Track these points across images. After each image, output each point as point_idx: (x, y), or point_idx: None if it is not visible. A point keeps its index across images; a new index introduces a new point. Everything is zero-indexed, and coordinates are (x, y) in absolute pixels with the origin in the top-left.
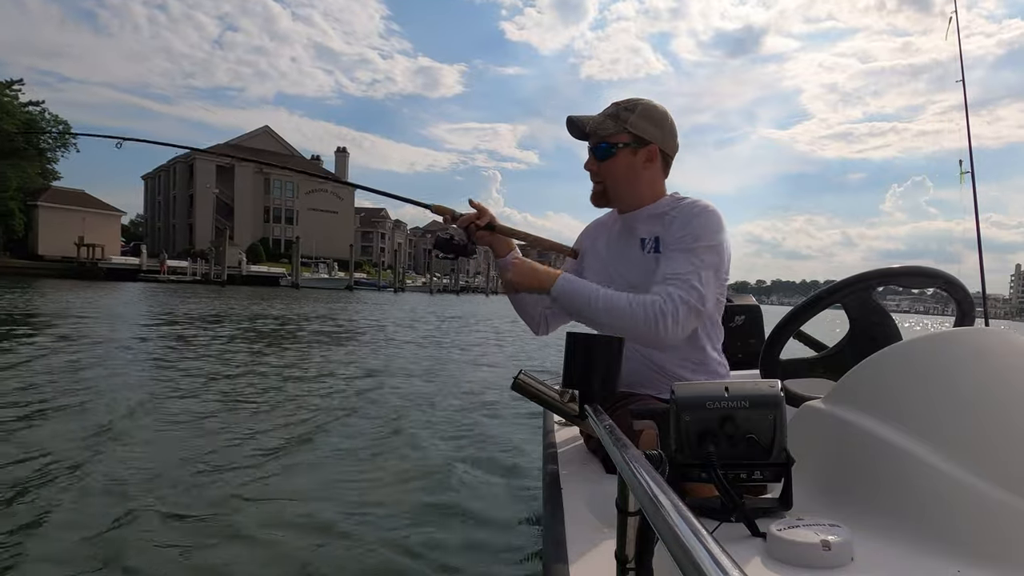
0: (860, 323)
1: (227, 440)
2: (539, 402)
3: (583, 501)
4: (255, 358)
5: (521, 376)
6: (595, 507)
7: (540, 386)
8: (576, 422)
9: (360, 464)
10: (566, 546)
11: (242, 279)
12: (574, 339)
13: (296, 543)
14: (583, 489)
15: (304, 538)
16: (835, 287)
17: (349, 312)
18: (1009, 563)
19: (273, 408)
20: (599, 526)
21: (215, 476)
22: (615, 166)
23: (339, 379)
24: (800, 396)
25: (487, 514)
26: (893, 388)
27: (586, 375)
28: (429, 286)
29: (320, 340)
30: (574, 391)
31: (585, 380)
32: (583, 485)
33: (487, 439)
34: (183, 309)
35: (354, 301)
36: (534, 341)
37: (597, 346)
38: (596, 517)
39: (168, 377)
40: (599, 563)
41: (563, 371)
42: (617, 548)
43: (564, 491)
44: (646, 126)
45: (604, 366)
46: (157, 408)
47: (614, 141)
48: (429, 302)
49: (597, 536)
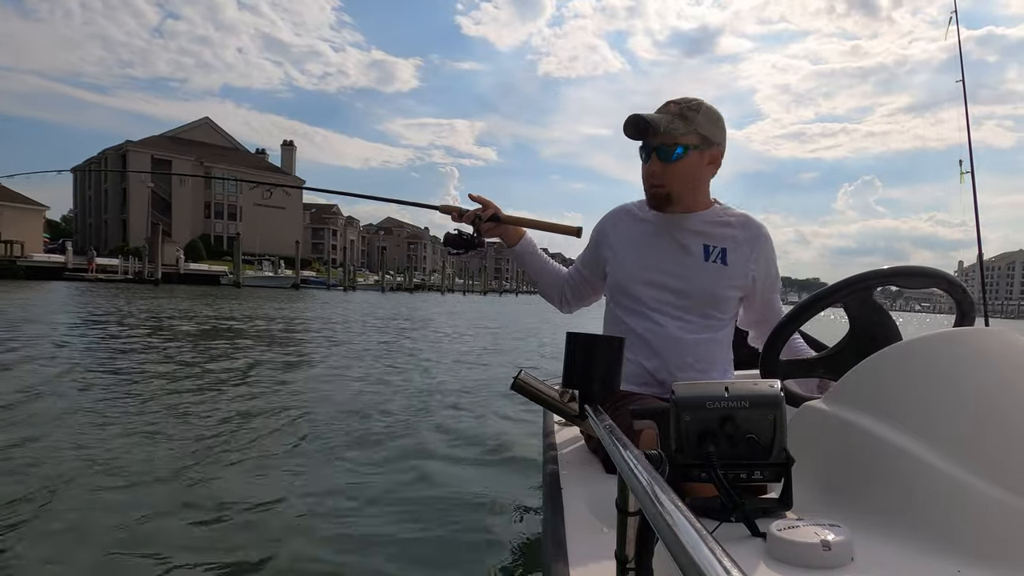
0: (860, 323)
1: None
2: (539, 402)
3: (583, 501)
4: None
5: (521, 376)
6: (595, 507)
7: (540, 386)
8: (576, 422)
9: (357, 465)
10: (566, 546)
11: (179, 278)
12: (574, 339)
13: (291, 546)
14: (583, 489)
15: (301, 539)
16: (835, 287)
17: (287, 311)
18: (1009, 563)
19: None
20: (599, 526)
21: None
22: (684, 168)
23: (291, 384)
24: (800, 396)
25: (487, 514)
26: (893, 388)
27: (586, 375)
28: (381, 284)
29: (246, 340)
30: (574, 391)
31: (585, 380)
32: (583, 485)
33: (486, 439)
34: (105, 309)
35: (297, 300)
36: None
37: (597, 346)
38: (596, 517)
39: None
40: (599, 563)
41: (563, 371)
42: (617, 548)
43: (564, 491)
44: (712, 128)
45: (604, 366)
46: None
47: (685, 143)
48: (378, 301)
49: (597, 536)
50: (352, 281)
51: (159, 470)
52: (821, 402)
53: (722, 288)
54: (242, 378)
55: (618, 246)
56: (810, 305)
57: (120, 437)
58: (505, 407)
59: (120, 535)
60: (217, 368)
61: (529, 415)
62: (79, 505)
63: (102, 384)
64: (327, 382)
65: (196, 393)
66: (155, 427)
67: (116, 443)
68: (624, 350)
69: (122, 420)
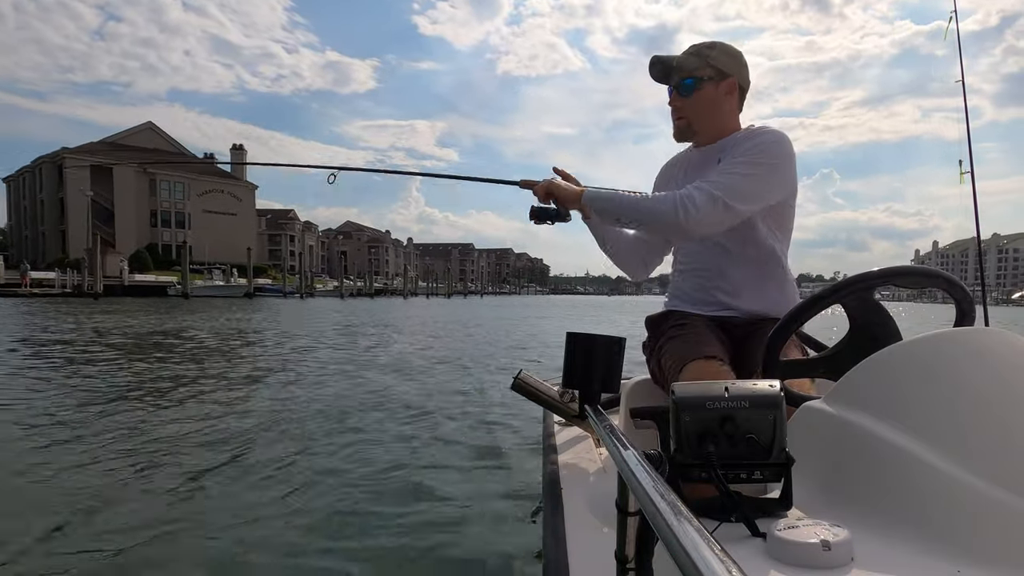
0: (860, 323)
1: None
2: (539, 402)
3: (583, 501)
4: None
5: (521, 376)
6: (595, 507)
7: (540, 386)
8: (576, 422)
9: (355, 466)
10: (566, 546)
11: (124, 290)
12: (574, 339)
13: (293, 544)
14: (583, 489)
15: (300, 539)
16: (835, 287)
17: (235, 323)
18: (1009, 563)
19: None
20: (599, 526)
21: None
22: (699, 99)
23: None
24: (800, 396)
25: (487, 514)
26: (893, 388)
27: (586, 375)
28: (340, 290)
29: (185, 354)
30: (574, 391)
31: (585, 380)
32: (583, 485)
33: (486, 439)
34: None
35: (248, 310)
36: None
37: (597, 346)
38: (596, 517)
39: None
40: (599, 563)
41: (563, 371)
42: (617, 548)
43: (564, 491)
44: (727, 60)
45: (604, 366)
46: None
47: (698, 75)
48: (336, 307)
49: (597, 536)
50: (310, 288)
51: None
52: (821, 402)
53: None
54: (193, 392)
55: (663, 187)
56: (810, 305)
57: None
58: (504, 407)
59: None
60: (157, 381)
61: (529, 415)
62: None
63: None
64: (290, 388)
65: (139, 411)
66: (75, 458)
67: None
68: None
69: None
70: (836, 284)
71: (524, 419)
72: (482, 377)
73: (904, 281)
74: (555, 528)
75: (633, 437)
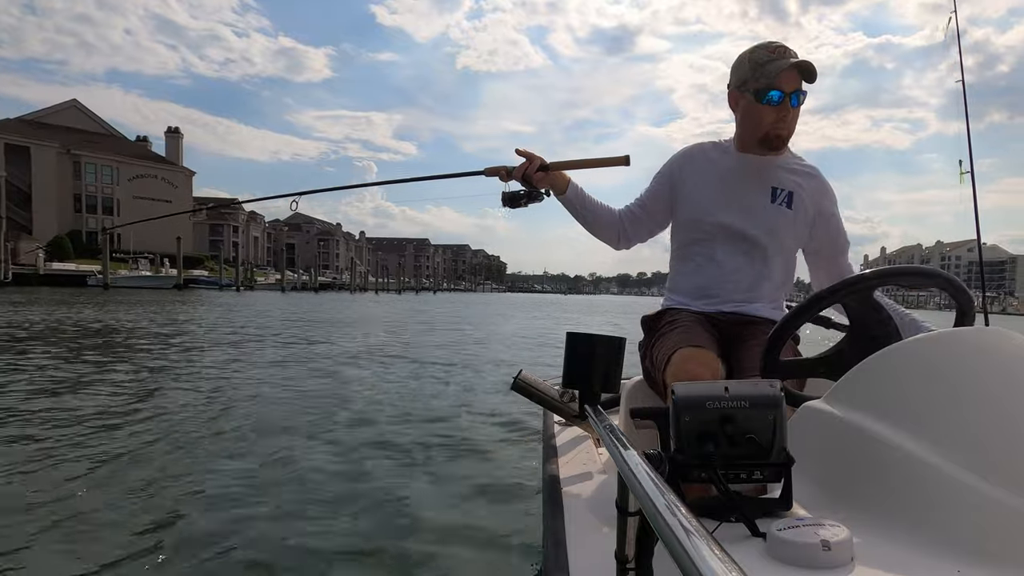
0: (860, 323)
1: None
2: (539, 402)
3: (583, 501)
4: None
5: (521, 376)
6: (595, 507)
7: (540, 386)
8: (576, 422)
9: (354, 466)
10: (566, 546)
11: (39, 279)
12: (574, 339)
13: (295, 545)
14: (583, 489)
15: (300, 539)
16: (835, 287)
17: (141, 318)
18: (1009, 563)
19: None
20: (599, 526)
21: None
22: (798, 113)
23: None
24: (800, 396)
25: (486, 514)
26: (893, 388)
27: (586, 375)
28: (282, 284)
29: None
30: (574, 391)
31: (585, 380)
32: (583, 485)
33: (485, 439)
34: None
35: (169, 303)
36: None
37: (597, 346)
38: (596, 517)
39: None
40: (599, 563)
41: (563, 371)
42: (617, 548)
43: (564, 491)
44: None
45: (604, 366)
46: None
47: (804, 90)
48: (268, 302)
49: (597, 536)
50: (250, 280)
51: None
52: (821, 402)
53: (782, 229)
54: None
55: (691, 182)
56: (810, 305)
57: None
58: (504, 407)
59: None
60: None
61: (529, 416)
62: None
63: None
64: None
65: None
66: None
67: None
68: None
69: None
70: (836, 284)
71: (524, 419)
72: None
73: (904, 281)
74: (555, 528)
75: (633, 437)
